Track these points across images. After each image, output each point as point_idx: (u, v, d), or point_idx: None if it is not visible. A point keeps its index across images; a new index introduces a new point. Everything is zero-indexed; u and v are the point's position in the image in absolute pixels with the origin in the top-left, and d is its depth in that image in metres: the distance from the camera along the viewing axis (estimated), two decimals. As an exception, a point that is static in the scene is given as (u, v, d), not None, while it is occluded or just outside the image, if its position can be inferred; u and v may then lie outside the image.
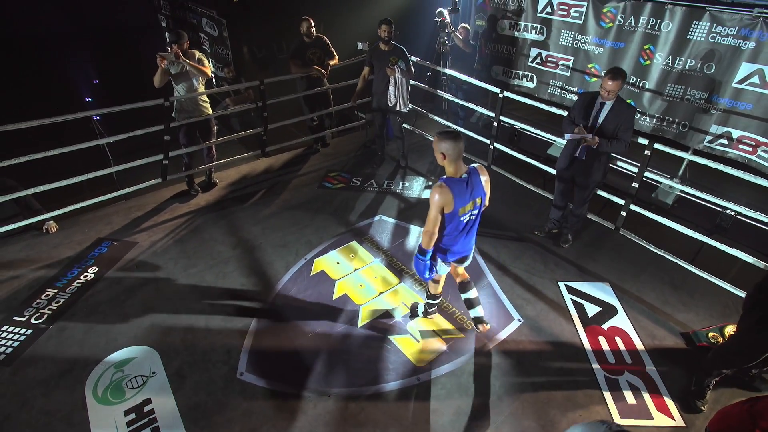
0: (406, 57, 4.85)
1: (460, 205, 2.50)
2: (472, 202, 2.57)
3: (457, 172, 2.51)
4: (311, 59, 5.20)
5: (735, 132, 4.63)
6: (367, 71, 5.05)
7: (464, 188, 2.50)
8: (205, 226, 4.46)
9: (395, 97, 4.93)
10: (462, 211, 2.54)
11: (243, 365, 3.05)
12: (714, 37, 4.52)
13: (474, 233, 2.83)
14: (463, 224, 2.64)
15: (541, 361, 3.10)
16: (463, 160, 2.58)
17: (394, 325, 3.36)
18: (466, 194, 2.52)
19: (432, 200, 2.48)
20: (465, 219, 2.62)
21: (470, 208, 2.59)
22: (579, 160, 3.75)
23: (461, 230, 2.67)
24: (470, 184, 2.53)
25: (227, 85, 6.70)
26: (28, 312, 3.46)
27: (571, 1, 5.57)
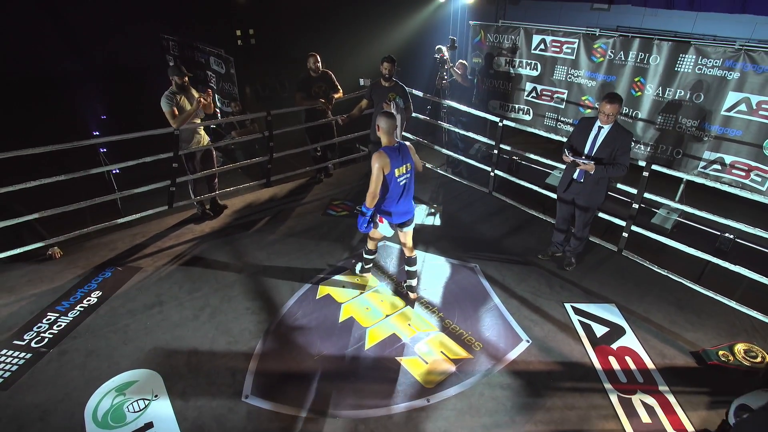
0: (405, 94, 4.95)
1: (395, 166, 3.23)
2: (405, 166, 3.31)
3: (391, 143, 3.26)
4: (317, 92, 5.40)
5: (727, 157, 4.78)
6: (364, 103, 5.22)
7: (397, 154, 3.24)
8: (209, 251, 4.46)
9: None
10: (398, 172, 3.27)
11: (248, 388, 2.98)
12: (700, 68, 4.76)
13: (411, 197, 3.54)
14: (400, 186, 3.34)
15: (552, 382, 3.05)
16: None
17: (401, 347, 3.32)
18: (399, 159, 3.25)
19: (374, 164, 3.16)
20: (401, 181, 3.33)
21: (404, 171, 3.32)
22: (578, 182, 3.84)
23: (400, 192, 3.37)
24: (401, 152, 3.27)
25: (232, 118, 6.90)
26: (28, 336, 3.40)
27: (563, 39, 5.88)
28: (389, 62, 4.84)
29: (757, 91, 4.44)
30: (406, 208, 3.50)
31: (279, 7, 10.73)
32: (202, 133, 4.86)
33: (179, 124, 4.45)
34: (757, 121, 4.51)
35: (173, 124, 4.44)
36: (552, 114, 6.35)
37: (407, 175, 3.36)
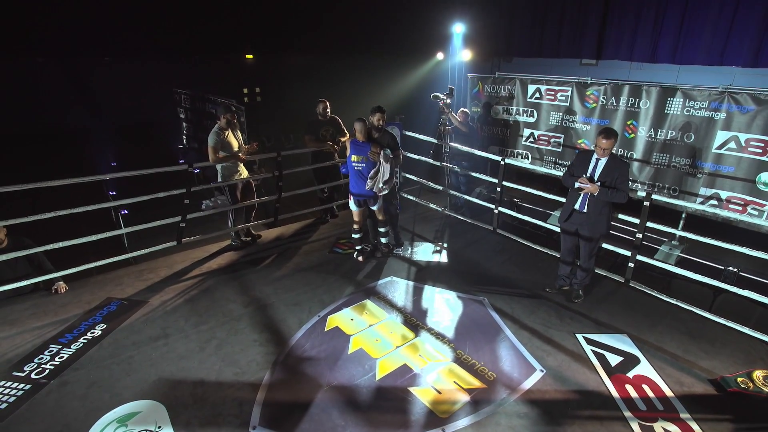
0: (395, 143, 4.80)
1: (353, 153, 4.51)
2: (363, 157, 4.47)
3: (360, 138, 4.49)
4: (324, 135, 5.64)
5: (723, 193, 4.93)
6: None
7: (359, 146, 4.49)
8: (216, 286, 4.45)
9: (382, 182, 4.62)
10: (355, 158, 4.51)
11: (256, 419, 2.87)
12: (688, 110, 5.04)
13: (363, 183, 4.56)
14: (355, 170, 4.55)
15: (570, 410, 2.95)
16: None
17: (413, 378, 3.23)
18: (359, 150, 4.48)
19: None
20: (356, 167, 4.52)
21: (359, 160, 4.50)
22: (580, 213, 3.94)
23: (355, 176, 4.56)
24: (363, 147, 4.47)
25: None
26: (28, 367, 3.31)
27: (557, 87, 6.25)
28: (380, 113, 4.64)
29: (744, 130, 4.68)
30: (358, 190, 4.64)
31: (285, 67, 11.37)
32: (242, 168, 5.24)
33: (216, 161, 4.90)
34: (748, 157, 4.70)
35: (211, 158, 4.88)
36: (550, 157, 6.59)
37: (362, 165, 4.51)
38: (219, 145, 4.87)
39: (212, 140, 4.85)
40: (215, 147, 4.85)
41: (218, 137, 4.85)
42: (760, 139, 4.62)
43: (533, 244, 5.26)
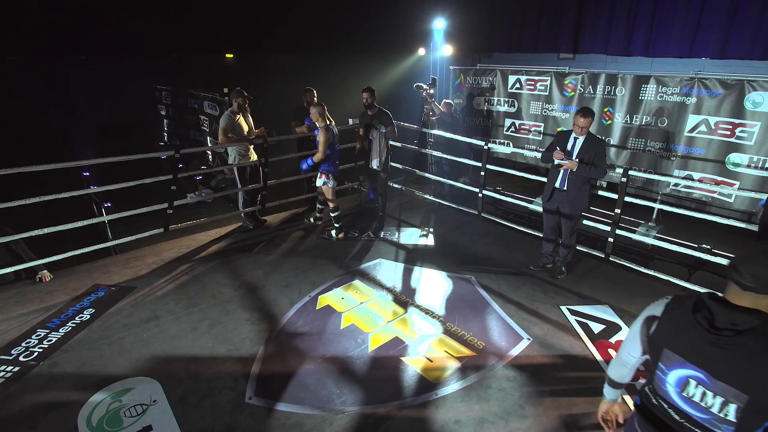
0: (389, 119, 5.17)
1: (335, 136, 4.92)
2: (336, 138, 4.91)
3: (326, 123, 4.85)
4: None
5: (695, 174, 5.16)
6: (361, 131, 5.51)
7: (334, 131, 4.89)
8: (206, 272, 4.44)
9: (375, 158, 5.21)
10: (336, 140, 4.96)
11: (252, 390, 2.90)
12: (661, 96, 5.27)
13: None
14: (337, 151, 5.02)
15: (556, 373, 3.07)
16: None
17: (405, 348, 3.31)
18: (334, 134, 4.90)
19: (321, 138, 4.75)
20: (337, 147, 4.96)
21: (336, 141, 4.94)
22: (561, 191, 4.08)
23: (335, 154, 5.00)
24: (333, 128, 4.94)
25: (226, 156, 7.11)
26: (16, 350, 3.27)
27: (536, 77, 6.44)
28: (367, 92, 5.17)
29: (714, 113, 4.92)
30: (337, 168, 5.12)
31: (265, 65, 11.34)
32: (252, 152, 5.40)
33: (225, 142, 5.11)
34: (717, 139, 4.95)
35: (221, 139, 5.08)
36: (531, 146, 6.77)
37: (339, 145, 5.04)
38: (230, 127, 5.07)
39: (224, 122, 5.05)
40: (226, 129, 5.04)
41: (230, 119, 5.06)
42: (727, 121, 4.87)
43: (517, 226, 5.41)
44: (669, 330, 1.41)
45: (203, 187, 7.66)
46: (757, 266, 1.24)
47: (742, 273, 1.26)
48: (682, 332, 1.36)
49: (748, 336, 1.23)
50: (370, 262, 4.66)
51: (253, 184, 5.50)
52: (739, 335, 1.24)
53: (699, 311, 1.33)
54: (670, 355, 1.40)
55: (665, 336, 1.42)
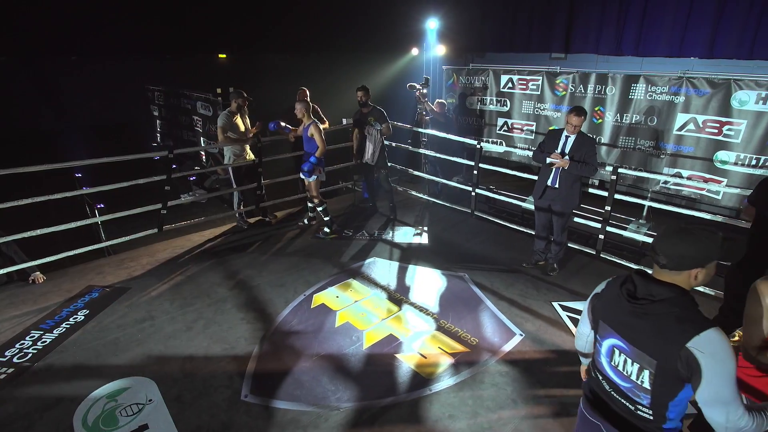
0: (382, 116, 5.37)
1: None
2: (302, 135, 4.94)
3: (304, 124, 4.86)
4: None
5: (684, 171, 5.24)
6: (355, 131, 5.57)
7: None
8: (200, 272, 4.45)
9: (369, 153, 5.41)
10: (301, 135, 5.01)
11: (247, 388, 2.92)
12: (651, 95, 5.35)
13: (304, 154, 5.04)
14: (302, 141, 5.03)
15: (548, 367, 3.12)
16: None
17: (399, 345, 3.35)
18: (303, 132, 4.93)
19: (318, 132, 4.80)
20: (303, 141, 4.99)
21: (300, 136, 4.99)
22: (552, 188, 4.14)
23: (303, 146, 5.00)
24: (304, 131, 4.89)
25: (220, 157, 7.10)
26: (10, 352, 3.26)
27: (528, 77, 6.50)
28: (361, 90, 5.36)
29: (702, 111, 5.00)
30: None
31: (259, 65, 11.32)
32: (248, 151, 5.45)
33: (224, 141, 5.18)
34: (705, 137, 5.03)
35: (220, 138, 5.17)
36: (523, 145, 6.83)
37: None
38: (228, 126, 5.12)
39: (221, 121, 5.13)
40: (224, 127, 5.11)
41: (227, 119, 5.12)
42: (715, 120, 4.95)
43: (510, 224, 5.46)
44: (604, 303, 1.53)
45: (197, 188, 7.66)
46: (669, 246, 1.36)
47: (657, 252, 1.38)
48: (612, 304, 1.49)
49: (661, 305, 1.34)
50: (365, 261, 4.69)
51: (249, 183, 5.51)
52: (653, 304, 1.35)
53: (625, 284, 1.45)
54: (603, 326, 1.53)
55: (601, 309, 1.54)
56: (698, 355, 1.26)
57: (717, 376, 1.27)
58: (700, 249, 1.33)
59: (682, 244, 1.35)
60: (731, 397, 1.28)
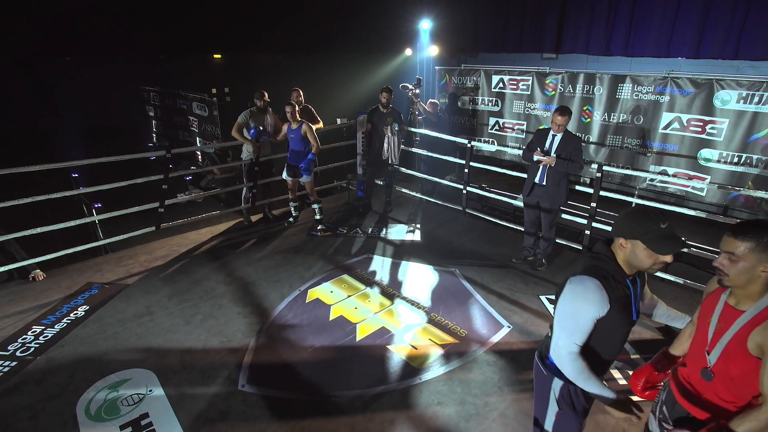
0: (399, 118, 5.68)
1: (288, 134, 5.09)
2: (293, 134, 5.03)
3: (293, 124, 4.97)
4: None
5: (670, 169, 5.39)
6: (369, 127, 5.69)
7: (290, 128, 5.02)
8: (198, 269, 4.55)
9: (387, 153, 5.56)
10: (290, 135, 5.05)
11: (244, 378, 3.03)
12: (637, 95, 5.49)
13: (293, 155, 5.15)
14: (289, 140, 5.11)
15: (534, 358, 3.24)
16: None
17: (391, 337, 3.46)
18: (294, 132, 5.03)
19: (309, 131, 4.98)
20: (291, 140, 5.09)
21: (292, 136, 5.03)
22: (540, 186, 4.27)
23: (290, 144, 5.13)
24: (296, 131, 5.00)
25: (216, 157, 7.20)
26: (12, 346, 3.36)
27: (519, 77, 6.64)
28: (387, 92, 5.57)
29: (686, 111, 5.15)
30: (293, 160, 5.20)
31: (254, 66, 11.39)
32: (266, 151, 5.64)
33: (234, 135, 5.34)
34: (689, 135, 5.18)
35: (232, 132, 5.35)
36: (514, 144, 6.96)
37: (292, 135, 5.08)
38: (243, 124, 5.33)
39: (240, 118, 5.34)
40: (238, 124, 5.32)
41: (245, 118, 5.32)
42: (698, 118, 5.10)
43: (500, 221, 5.59)
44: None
45: (193, 187, 7.75)
46: (617, 219, 1.61)
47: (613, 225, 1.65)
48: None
49: (589, 255, 1.68)
50: (359, 257, 4.80)
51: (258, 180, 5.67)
52: (587, 254, 1.70)
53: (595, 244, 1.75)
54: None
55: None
56: (565, 288, 1.62)
57: (560, 307, 1.63)
58: (630, 223, 1.55)
59: (624, 217, 1.58)
60: (562, 331, 1.63)
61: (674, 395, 1.74)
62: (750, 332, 1.45)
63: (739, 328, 1.48)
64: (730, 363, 1.51)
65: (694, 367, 1.66)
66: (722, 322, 1.55)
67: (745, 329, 1.46)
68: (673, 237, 1.51)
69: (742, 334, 1.47)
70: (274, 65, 11.28)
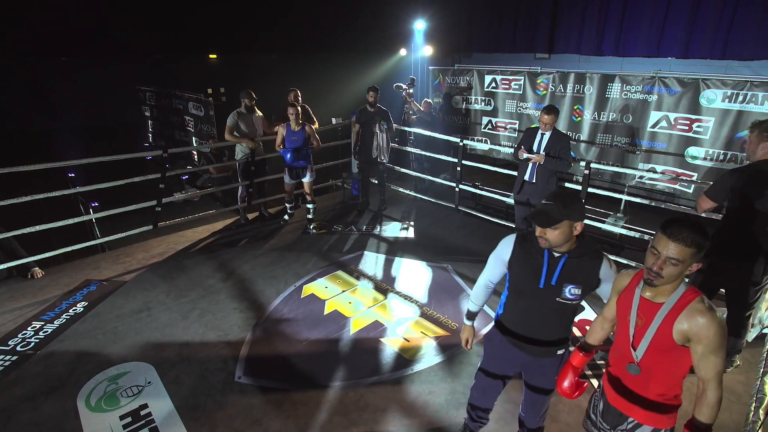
0: (388, 117, 5.71)
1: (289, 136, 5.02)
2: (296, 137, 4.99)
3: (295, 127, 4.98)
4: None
5: (658, 167, 5.50)
6: (357, 128, 5.78)
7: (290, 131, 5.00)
8: (194, 266, 4.62)
9: (377, 150, 5.63)
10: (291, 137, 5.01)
11: (241, 370, 3.11)
12: (626, 94, 5.60)
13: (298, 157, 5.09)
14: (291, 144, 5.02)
15: (523, 349, 3.34)
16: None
17: (384, 330, 3.55)
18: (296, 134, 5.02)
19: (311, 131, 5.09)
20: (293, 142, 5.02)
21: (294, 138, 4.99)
22: (530, 183, 4.37)
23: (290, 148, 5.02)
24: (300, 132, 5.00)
25: (212, 156, 7.26)
26: (13, 342, 3.42)
27: (510, 77, 6.74)
28: (374, 91, 5.63)
29: (673, 109, 5.27)
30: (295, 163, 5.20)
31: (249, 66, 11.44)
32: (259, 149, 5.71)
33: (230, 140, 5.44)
34: (677, 134, 5.30)
35: (226, 136, 5.44)
36: (507, 143, 7.07)
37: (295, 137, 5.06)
38: (234, 126, 5.41)
39: (229, 122, 5.43)
40: (231, 127, 5.39)
41: (233, 119, 5.41)
42: (685, 117, 5.22)
43: (492, 218, 5.69)
44: None
45: (189, 187, 7.80)
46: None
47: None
48: None
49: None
50: (353, 254, 4.89)
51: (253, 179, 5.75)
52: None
53: None
54: None
55: None
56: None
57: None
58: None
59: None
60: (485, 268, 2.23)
61: (607, 398, 1.79)
62: (673, 322, 1.50)
63: (662, 319, 1.52)
64: (658, 355, 1.55)
65: (620, 365, 1.70)
66: (642, 316, 1.58)
67: (668, 320, 1.51)
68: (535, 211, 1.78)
69: (666, 325, 1.51)
70: (269, 65, 11.35)
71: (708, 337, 1.45)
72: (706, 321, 1.45)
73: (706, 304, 1.48)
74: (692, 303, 1.49)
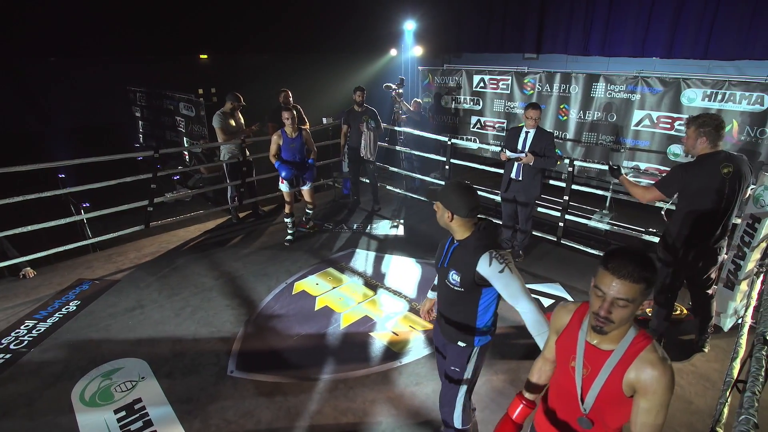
0: (375, 116, 5.79)
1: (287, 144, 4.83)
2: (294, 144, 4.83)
3: (292, 133, 4.81)
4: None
5: (642, 164, 5.64)
6: (345, 129, 5.86)
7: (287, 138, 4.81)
8: (186, 264, 4.67)
9: (365, 149, 5.71)
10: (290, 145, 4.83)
11: (233, 364, 3.18)
12: (610, 93, 5.73)
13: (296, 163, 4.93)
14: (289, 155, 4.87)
15: (508, 341, 3.45)
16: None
17: (373, 325, 3.64)
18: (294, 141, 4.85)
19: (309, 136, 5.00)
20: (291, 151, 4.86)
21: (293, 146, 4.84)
22: (516, 181, 4.47)
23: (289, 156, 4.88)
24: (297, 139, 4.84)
25: (203, 156, 7.30)
26: (6, 340, 3.46)
27: (498, 77, 6.85)
28: (360, 91, 5.70)
29: (655, 108, 5.41)
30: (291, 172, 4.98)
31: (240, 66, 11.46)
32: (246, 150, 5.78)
33: (224, 140, 5.52)
34: (659, 132, 5.44)
35: (220, 138, 5.53)
36: (495, 141, 7.18)
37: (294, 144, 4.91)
38: (224, 127, 5.49)
39: (216, 123, 5.51)
40: (221, 129, 5.50)
41: (221, 120, 5.48)
42: (667, 116, 5.36)
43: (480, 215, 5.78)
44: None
45: (181, 187, 7.82)
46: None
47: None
48: None
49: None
50: (344, 252, 4.97)
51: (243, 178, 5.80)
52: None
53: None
54: None
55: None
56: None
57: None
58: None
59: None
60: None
61: None
62: (623, 373, 1.32)
63: (611, 370, 1.35)
64: (608, 407, 1.39)
65: (568, 417, 1.51)
66: (589, 365, 1.40)
67: (618, 370, 1.34)
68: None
69: (615, 375, 1.34)
70: (260, 66, 11.37)
71: (656, 392, 1.27)
72: (657, 374, 1.27)
73: (659, 354, 1.30)
74: (643, 351, 1.30)
